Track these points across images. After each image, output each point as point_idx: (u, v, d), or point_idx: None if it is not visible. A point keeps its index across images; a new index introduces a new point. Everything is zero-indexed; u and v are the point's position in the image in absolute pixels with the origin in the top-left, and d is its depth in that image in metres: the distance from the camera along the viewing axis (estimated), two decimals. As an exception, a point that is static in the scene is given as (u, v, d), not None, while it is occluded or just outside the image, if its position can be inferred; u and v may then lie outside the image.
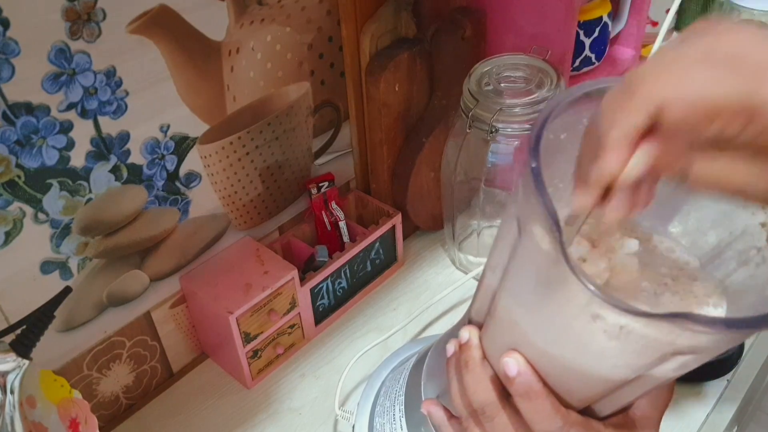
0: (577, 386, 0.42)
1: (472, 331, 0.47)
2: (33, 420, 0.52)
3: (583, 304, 0.35)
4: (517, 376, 0.41)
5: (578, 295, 0.34)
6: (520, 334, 0.41)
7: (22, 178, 0.58)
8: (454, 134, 0.82)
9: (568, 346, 0.39)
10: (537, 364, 0.41)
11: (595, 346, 0.37)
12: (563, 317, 0.37)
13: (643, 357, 0.37)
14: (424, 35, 0.82)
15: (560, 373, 0.41)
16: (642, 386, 0.41)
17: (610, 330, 0.35)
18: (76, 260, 0.65)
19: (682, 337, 0.34)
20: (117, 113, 0.62)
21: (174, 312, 0.77)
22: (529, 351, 0.41)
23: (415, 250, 0.96)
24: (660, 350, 0.36)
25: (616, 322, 0.35)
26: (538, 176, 0.35)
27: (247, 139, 0.75)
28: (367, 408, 0.69)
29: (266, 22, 0.71)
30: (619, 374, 0.39)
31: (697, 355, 0.37)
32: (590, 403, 0.43)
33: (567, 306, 0.37)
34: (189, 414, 0.76)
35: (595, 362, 0.38)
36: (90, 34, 0.57)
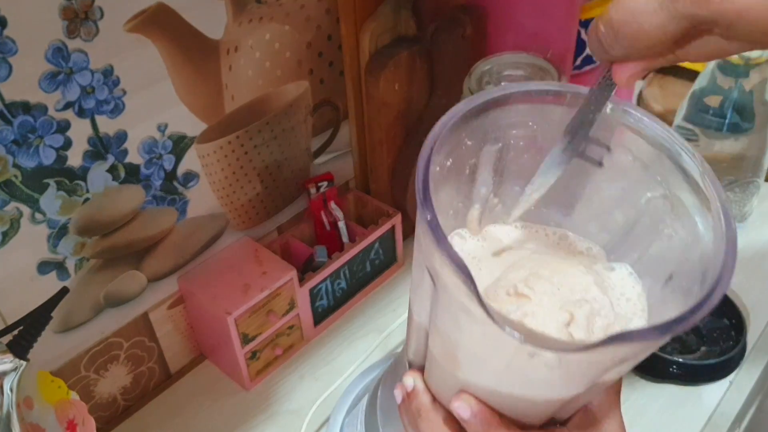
0: (532, 411, 0.42)
1: (416, 377, 0.46)
2: (30, 421, 0.52)
3: (516, 345, 0.34)
4: (471, 417, 0.40)
5: (509, 339, 0.33)
6: (464, 376, 0.41)
7: (18, 177, 0.57)
8: (454, 134, 0.81)
9: (513, 382, 0.39)
10: (488, 400, 0.41)
11: (540, 378, 0.37)
12: (500, 359, 0.37)
13: (588, 375, 0.37)
14: (424, 34, 0.82)
15: (512, 404, 0.41)
16: (594, 393, 0.41)
17: (550, 362, 0.35)
18: (74, 260, 0.65)
19: (621, 350, 0.34)
20: (114, 112, 0.62)
21: (172, 313, 0.77)
22: (477, 390, 0.41)
23: (414, 251, 0.96)
24: (603, 366, 0.36)
25: (554, 355, 0.34)
26: (436, 231, 0.34)
27: (245, 138, 0.75)
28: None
29: (265, 20, 0.71)
30: (569, 393, 0.39)
31: (639, 358, 0.37)
32: (548, 417, 0.43)
33: (501, 350, 0.36)
34: (187, 415, 0.76)
35: (543, 390, 0.39)
36: (87, 33, 0.57)
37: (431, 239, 0.34)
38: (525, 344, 0.33)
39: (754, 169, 0.85)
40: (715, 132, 0.83)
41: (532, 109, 0.43)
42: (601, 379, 0.38)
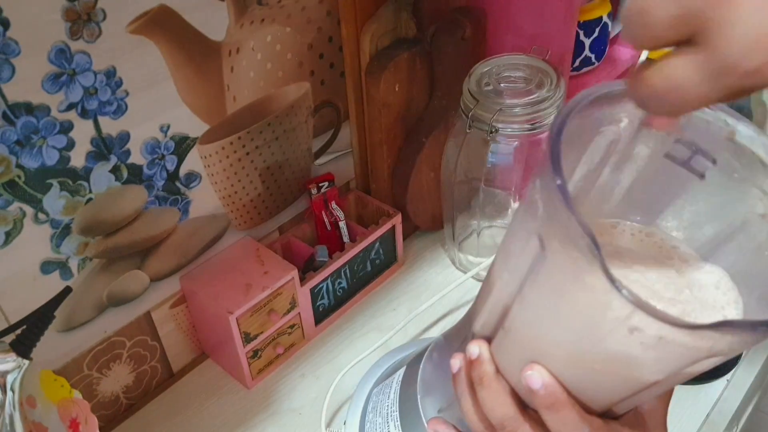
0: (604, 393, 0.41)
1: (482, 345, 0.45)
2: (33, 420, 0.52)
3: (622, 317, 0.34)
4: (541, 388, 0.40)
5: (618, 310, 0.33)
6: (543, 348, 0.40)
7: (22, 178, 0.58)
8: (454, 134, 0.82)
9: (599, 358, 0.38)
10: (561, 375, 0.40)
11: (630, 357, 0.36)
12: (597, 331, 0.37)
13: (679, 362, 0.36)
14: (424, 35, 0.82)
15: (586, 383, 0.40)
16: (668, 385, 0.40)
17: (648, 341, 0.34)
18: (77, 260, 0.65)
19: (721, 341, 0.34)
20: (117, 113, 0.62)
21: (174, 312, 0.77)
22: (553, 363, 0.40)
23: (415, 250, 0.96)
24: (697, 355, 0.35)
25: (656, 333, 0.34)
26: (566, 195, 0.33)
27: (247, 139, 0.75)
28: (354, 425, 0.68)
29: (266, 22, 0.71)
30: (651, 378, 0.38)
31: (727, 356, 0.36)
32: (612, 406, 0.43)
33: (603, 321, 0.35)
34: (189, 414, 0.76)
35: (628, 370, 0.38)
36: (90, 34, 0.57)
37: (560, 202, 0.33)
38: (634, 316, 0.33)
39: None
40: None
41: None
42: (683, 371, 0.37)
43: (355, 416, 0.69)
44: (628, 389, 0.40)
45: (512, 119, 0.74)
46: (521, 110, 0.74)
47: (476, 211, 0.89)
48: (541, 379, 0.40)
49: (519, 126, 0.75)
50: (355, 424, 0.68)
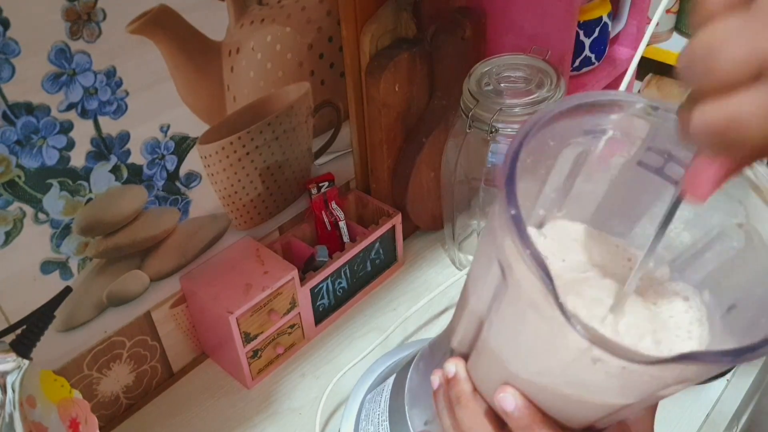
0: (578, 414, 0.41)
1: (458, 364, 0.45)
2: (33, 420, 0.52)
3: (583, 348, 0.34)
4: (515, 410, 0.40)
5: (578, 342, 0.33)
6: (513, 371, 0.41)
7: (22, 178, 0.58)
8: (454, 134, 0.82)
9: (566, 384, 0.38)
10: (534, 397, 0.41)
11: (597, 385, 0.36)
12: (560, 361, 0.37)
13: (647, 389, 0.36)
14: (424, 35, 0.82)
15: (559, 405, 0.41)
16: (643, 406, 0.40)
17: (612, 371, 0.34)
18: (77, 260, 0.65)
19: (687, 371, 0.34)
20: (117, 113, 0.62)
21: (174, 312, 0.77)
22: (525, 386, 0.41)
23: (415, 250, 0.96)
24: (662, 382, 0.35)
25: (618, 363, 0.34)
26: (520, 227, 0.33)
27: (247, 139, 0.75)
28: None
29: (266, 22, 0.71)
30: (620, 402, 0.38)
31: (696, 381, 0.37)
32: (594, 423, 0.43)
33: (565, 351, 0.36)
34: (189, 414, 0.76)
35: (598, 396, 0.38)
36: (90, 35, 0.57)
37: (513, 234, 0.33)
38: (594, 349, 0.33)
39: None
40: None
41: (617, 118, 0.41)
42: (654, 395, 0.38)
43: (349, 423, 0.69)
44: (602, 411, 0.40)
45: (512, 119, 0.74)
46: (521, 110, 0.74)
47: (476, 211, 0.89)
48: (514, 402, 0.40)
49: (519, 126, 0.75)
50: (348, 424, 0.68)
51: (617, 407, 0.39)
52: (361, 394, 0.70)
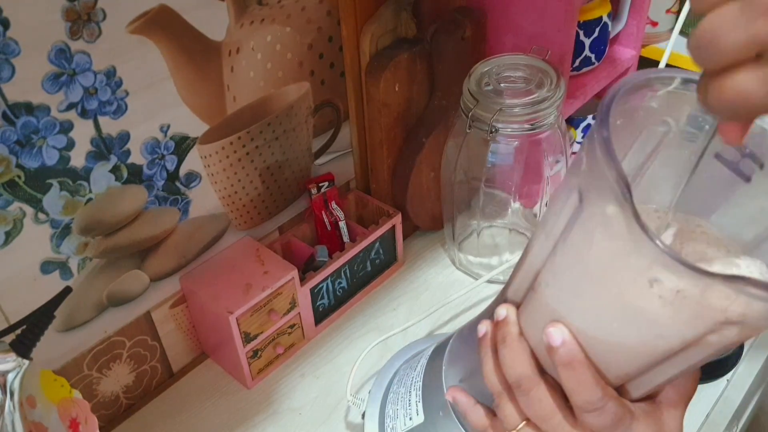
0: (618, 360, 0.42)
1: (509, 308, 0.47)
2: (33, 420, 0.52)
3: (644, 266, 0.35)
4: (561, 345, 0.41)
5: (642, 257, 0.35)
6: (566, 306, 0.42)
7: (22, 178, 0.58)
8: (454, 134, 0.82)
9: (617, 317, 0.39)
10: (579, 337, 0.42)
11: (648, 315, 0.37)
12: (619, 284, 0.38)
13: (694, 326, 0.37)
14: (424, 35, 0.83)
15: (603, 347, 0.41)
16: (681, 364, 0.41)
17: (666, 295, 0.35)
18: (77, 260, 0.65)
19: (736, 303, 0.34)
20: (117, 113, 0.62)
21: (174, 312, 0.77)
22: (574, 323, 0.42)
23: (415, 250, 0.96)
24: (712, 318, 0.36)
25: (674, 286, 0.35)
26: (608, 144, 0.36)
27: (247, 139, 0.75)
28: (378, 395, 0.69)
29: (266, 22, 0.71)
30: (665, 345, 0.39)
31: (743, 331, 0.37)
32: (626, 380, 0.43)
33: (626, 271, 0.37)
34: (189, 414, 0.76)
35: (644, 332, 0.39)
36: (90, 34, 0.57)
37: (601, 151, 0.36)
38: (654, 267, 0.34)
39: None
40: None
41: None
42: (700, 342, 0.38)
43: (381, 387, 0.70)
44: (644, 357, 0.41)
45: (512, 119, 0.74)
46: (521, 110, 0.74)
47: (476, 211, 0.89)
48: (562, 336, 0.41)
49: (519, 126, 0.75)
50: (379, 394, 0.69)
51: (661, 353, 0.39)
52: (398, 363, 0.71)
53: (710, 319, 0.36)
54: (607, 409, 0.42)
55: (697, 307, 0.35)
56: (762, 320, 0.36)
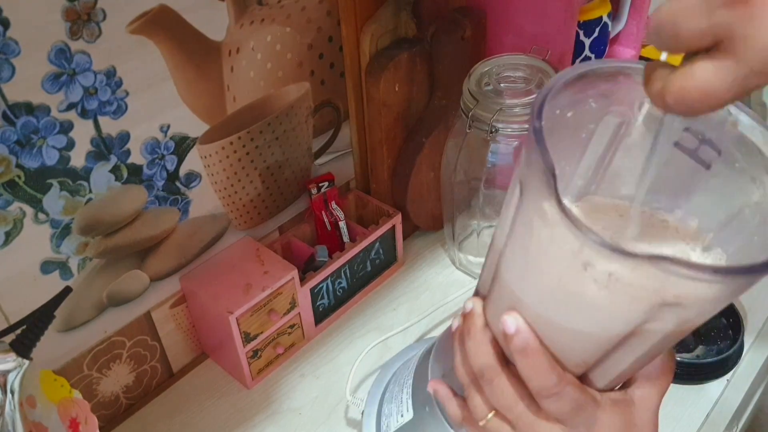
0: (573, 347, 0.43)
1: (475, 301, 0.48)
2: (33, 420, 0.52)
3: (576, 251, 0.36)
4: (515, 332, 0.42)
5: (572, 243, 0.36)
6: (517, 298, 0.43)
7: (22, 178, 0.58)
8: (454, 134, 0.82)
9: (561, 304, 0.40)
10: (533, 325, 0.43)
11: (587, 299, 0.38)
12: (558, 270, 0.39)
13: (632, 309, 0.37)
14: (424, 35, 0.82)
15: (555, 335, 0.42)
16: (635, 349, 0.41)
17: (600, 278, 0.36)
18: (77, 260, 0.65)
19: (668, 283, 0.35)
20: (117, 113, 0.62)
21: (174, 312, 0.77)
22: (526, 313, 0.43)
23: (415, 250, 0.96)
24: (647, 300, 0.36)
25: (605, 269, 0.36)
26: (539, 134, 0.37)
27: (247, 139, 0.75)
28: (377, 395, 0.70)
29: (266, 22, 0.71)
30: (611, 330, 0.40)
31: (685, 314, 0.37)
32: (586, 369, 0.44)
33: (561, 257, 0.38)
34: (189, 414, 0.76)
35: (589, 317, 0.40)
36: (90, 34, 0.57)
37: (533, 143, 0.37)
38: (585, 250, 0.35)
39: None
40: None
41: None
42: (643, 329, 0.39)
43: (379, 387, 0.71)
44: (596, 343, 0.41)
45: (512, 119, 0.74)
46: (521, 110, 0.74)
47: (476, 211, 0.89)
48: (516, 324, 0.42)
49: (519, 126, 0.75)
50: (377, 394, 0.70)
51: (608, 340, 0.40)
52: (397, 364, 0.73)
53: (646, 301, 0.36)
54: (565, 395, 0.42)
55: (631, 290, 0.36)
56: (698, 301, 0.37)
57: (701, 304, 0.37)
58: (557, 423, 0.44)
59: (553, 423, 0.44)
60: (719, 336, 0.79)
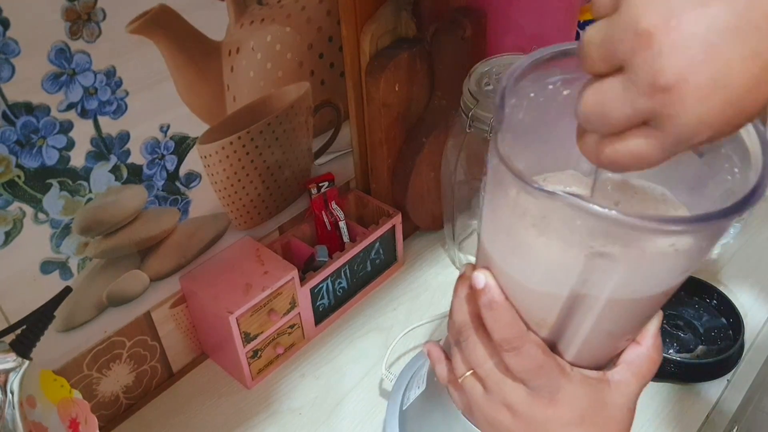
0: (530, 305, 0.45)
1: (468, 266, 0.50)
2: (33, 420, 0.52)
3: (514, 197, 0.40)
4: (484, 287, 0.45)
5: (512, 188, 0.39)
6: (489, 256, 0.46)
7: (22, 178, 0.58)
8: (454, 134, 0.82)
9: (515, 256, 0.44)
10: (500, 283, 0.45)
11: (532, 249, 0.41)
12: (507, 218, 0.42)
13: (569, 257, 0.40)
14: (424, 35, 0.82)
15: (517, 293, 0.45)
16: (587, 315, 0.43)
17: (537, 223, 0.40)
18: (76, 260, 0.65)
19: (596, 232, 0.38)
20: (117, 113, 0.62)
21: (174, 312, 0.77)
22: (495, 272, 0.46)
23: (415, 250, 0.96)
24: (579, 246, 0.39)
25: (539, 212, 0.39)
26: (502, 93, 0.40)
27: (247, 139, 0.75)
28: (409, 372, 0.73)
29: (266, 22, 0.71)
30: (558, 286, 0.42)
31: (619, 272, 0.39)
32: (548, 330, 0.46)
33: (507, 204, 0.41)
34: (189, 414, 0.76)
35: (536, 271, 0.43)
36: (90, 34, 0.57)
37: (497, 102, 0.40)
38: (521, 195, 0.39)
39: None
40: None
41: None
42: (586, 290, 0.41)
43: (413, 366, 0.74)
44: (548, 302, 0.44)
45: (512, 119, 0.74)
46: (521, 110, 0.74)
47: (476, 211, 0.88)
48: (485, 279, 0.45)
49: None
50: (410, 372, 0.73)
51: (558, 302, 0.43)
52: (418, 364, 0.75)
53: (578, 247, 0.39)
54: (525, 351, 0.44)
55: (563, 234, 0.39)
56: (626, 256, 0.38)
57: (632, 262, 0.39)
58: (521, 384, 0.46)
59: (518, 383, 0.46)
60: (719, 336, 0.79)
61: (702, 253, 0.41)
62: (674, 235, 0.37)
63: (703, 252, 0.42)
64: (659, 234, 0.37)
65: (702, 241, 0.40)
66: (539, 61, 0.44)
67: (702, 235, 0.39)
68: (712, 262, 0.91)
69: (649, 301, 0.44)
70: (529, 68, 0.44)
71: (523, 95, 0.45)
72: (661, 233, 0.37)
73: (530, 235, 0.40)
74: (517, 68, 0.43)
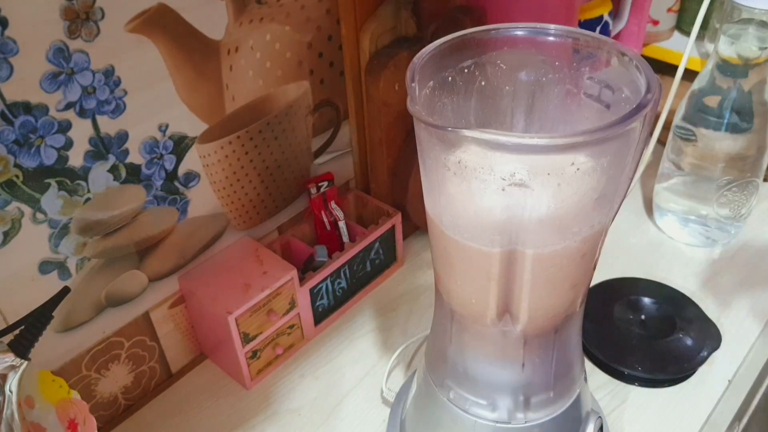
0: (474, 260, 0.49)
1: None
2: (31, 420, 0.52)
3: (434, 146, 0.44)
4: None
5: (432, 138, 0.44)
6: (438, 228, 0.51)
7: (20, 177, 0.57)
8: (454, 134, 0.82)
9: (451, 216, 0.48)
10: (453, 252, 0.50)
11: (456, 199, 0.45)
12: (435, 173, 0.47)
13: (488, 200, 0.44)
14: (424, 34, 0.82)
15: (458, 251, 0.49)
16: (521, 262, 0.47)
17: (453, 168, 0.44)
18: (75, 260, 0.65)
19: (504, 162, 0.42)
20: (115, 112, 0.62)
21: (173, 312, 0.77)
22: (446, 242, 0.50)
23: (415, 250, 0.96)
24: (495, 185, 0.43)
25: (455, 158, 0.43)
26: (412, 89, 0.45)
27: (246, 138, 0.75)
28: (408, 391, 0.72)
29: (265, 21, 0.71)
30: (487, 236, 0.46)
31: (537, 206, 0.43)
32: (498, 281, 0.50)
33: (433, 157, 0.46)
34: (188, 415, 0.76)
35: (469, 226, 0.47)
36: (88, 33, 0.57)
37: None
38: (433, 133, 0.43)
39: (752, 169, 0.85)
40: (713, 132, 0.84)
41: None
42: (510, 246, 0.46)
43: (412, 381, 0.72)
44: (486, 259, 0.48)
45: (512, 118, 0.74)
46: (521, 109, 0.74)
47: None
48: None
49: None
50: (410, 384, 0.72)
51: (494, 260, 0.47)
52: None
53: (494, 183, 0.42)
54: None
55: (479, 172, 0.43)
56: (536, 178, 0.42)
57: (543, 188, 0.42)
58: None
59: None
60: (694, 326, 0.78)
61: (606, 178, 0.44)
62: (569, 150, 0.41)
63: (608, 177, 0.45)
64: (554, 151, 0.41)
65: (599, 158, 0.43)
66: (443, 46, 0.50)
67: (595, 151, 0.43)
68: (712, 262, 0.91)
69: (576, 249, 0.47)
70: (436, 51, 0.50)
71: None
72: (556, 149, 0.41)
73: (453, 184, 0.44)
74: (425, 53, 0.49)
